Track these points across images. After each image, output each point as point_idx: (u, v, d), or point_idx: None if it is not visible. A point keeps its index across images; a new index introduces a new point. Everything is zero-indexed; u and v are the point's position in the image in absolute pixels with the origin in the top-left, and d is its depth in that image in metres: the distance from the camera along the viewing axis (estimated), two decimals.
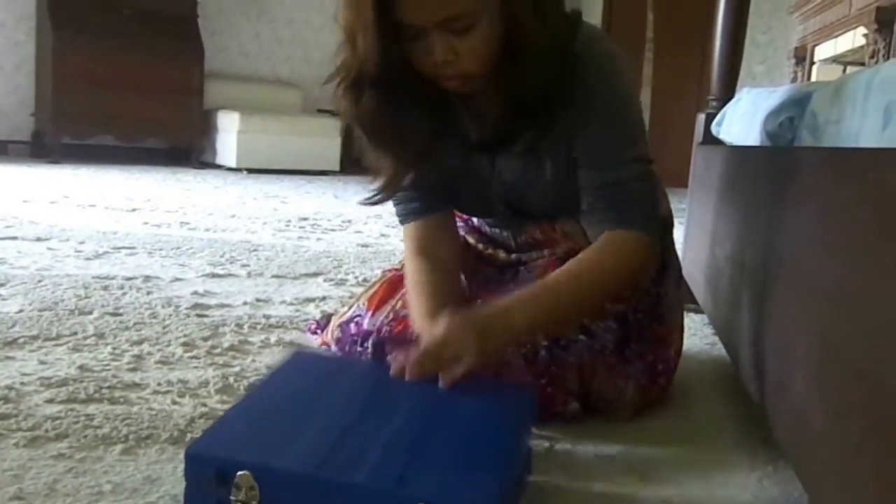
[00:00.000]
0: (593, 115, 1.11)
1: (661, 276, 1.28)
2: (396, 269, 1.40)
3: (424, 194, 1.28)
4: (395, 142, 1.16)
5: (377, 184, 1.21)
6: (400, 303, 1.31)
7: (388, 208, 1.33)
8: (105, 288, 1.86)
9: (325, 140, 6.14)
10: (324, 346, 1.49)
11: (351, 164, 6.64)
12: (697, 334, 1.78)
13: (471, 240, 1.40)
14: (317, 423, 0.85)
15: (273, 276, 2.15)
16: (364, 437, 0.81)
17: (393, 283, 1.36)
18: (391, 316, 1.29)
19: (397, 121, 1.14)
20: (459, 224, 1.40)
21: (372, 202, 1.23)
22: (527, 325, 1.06)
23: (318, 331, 1.54)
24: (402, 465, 0.76)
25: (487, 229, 1.39)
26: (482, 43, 1.04)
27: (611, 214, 1.13)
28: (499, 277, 1.33)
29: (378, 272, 2.27)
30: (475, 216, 1.40)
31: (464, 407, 0.92)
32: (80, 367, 1.28)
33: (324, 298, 1.92)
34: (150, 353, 1.38)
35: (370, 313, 1.33)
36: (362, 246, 2.80)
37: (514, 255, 1.35)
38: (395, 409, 0.90)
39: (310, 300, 1.89)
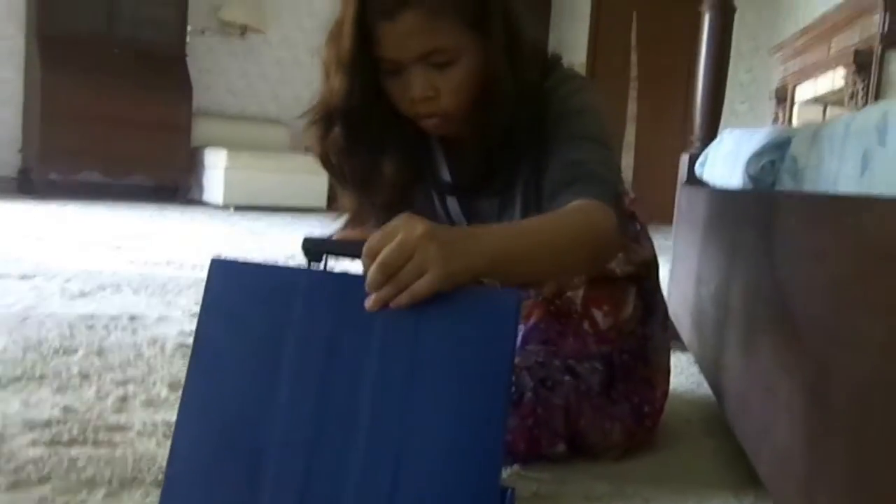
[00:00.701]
0: (554, 127, 1.08)
1: (646, 318, 1.28)
2: None
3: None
4: (362, 183, 1.15)
5: (340, 221, 1.19)
6: None
7: None
8: (90, 327, 1.85)
9: (312, 177, 6.15)
10: None
11: (337, 201, 6.65)
12: (684, 373, 1.78)
13: None
14: (277, 455, 0.78)
15: None
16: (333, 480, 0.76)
17: None
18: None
19: (366, 162, 1.13)
20: None
21: None
22: (496, 250, 0.84)
23: None
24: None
25: None
26: (463, 80, 1.03)
27: (575, 188, 1.00)
28: None
29: None
30: None
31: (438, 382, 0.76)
32: (64, 409, 1.27)
33: None
34: (135, 394, 1.37)
35: None
36: None
37: None
38: (355, 417, 0.76)
39: None
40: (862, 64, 3.13)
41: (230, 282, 0.85)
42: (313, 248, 0.84)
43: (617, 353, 1.23)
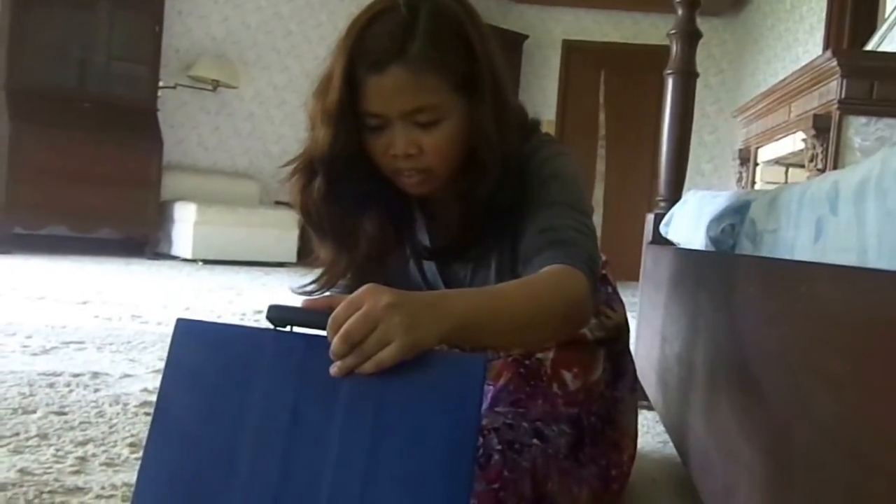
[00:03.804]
0: (530, 192, 1.09)
1: (615, 380, 1.29)
2: None
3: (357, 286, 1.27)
4: (341, 235, 1.14)
5: (315, 274, 1.18)
6: None
7: None
8: (51, 385, 1.81)
9: (281, 232, 6.16)
10: None
11: (308, 256, 6.65)
12: (650, 432, 1.79)
13: None
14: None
15: None
16: None
17: None
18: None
19: (347, 215, 1.12)
20: None
21: (305, 292, 1.18)
22: (463, 317, 0.84)
23: None
24: None
25: None
26: (446, 141, 1.03)
27: (549, 254, 1.02)
28: None
29: None
30: None
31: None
32: (21, 471, 1.24)
33: None
34: (94, 455, 1.35)
35: None
36: None
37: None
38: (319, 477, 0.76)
39: None
40: (821, 128, 3.22)
41: (195, 342, 0.84)
42: (278, 317, 0.83)
43: (585, 416, 1.23)
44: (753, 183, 4.57)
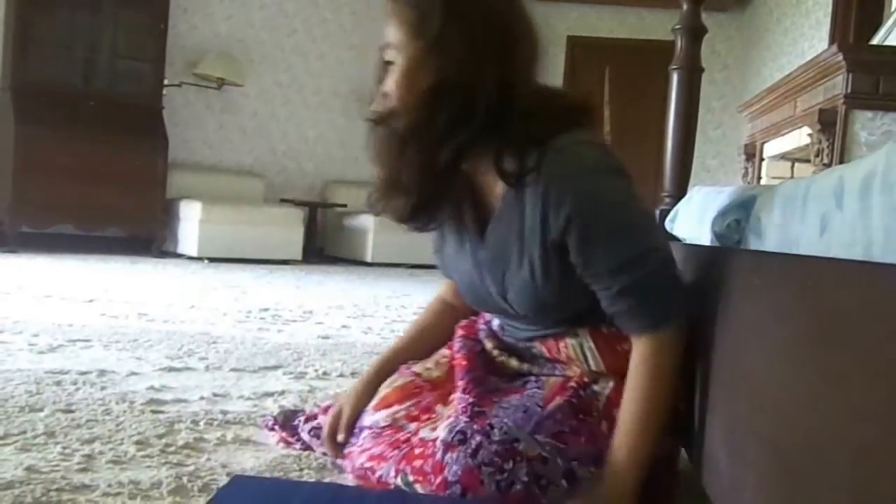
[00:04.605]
0: (584, 227, 1.12)
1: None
2: (416, 373, 1.38)
3: (443, 265, 1.42)
4: (390, 176, 1.20)
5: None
6: (403, 412, 1.30)
7: (349, 300, 1.34)
8: (58, 383, 1.82)
9: (287, 230, 6.17)
10: (281, 444, 1.47)
11: (313, 254, 6.66)
12: None
13: (488, 345, 1.37)
14: None
15: (231, 370, 2.13)
16: None
17: (406, 391, 1.35)
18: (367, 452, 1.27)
19: (397, 159, 1.18)
20: (482, 327, 1.40)
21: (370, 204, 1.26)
22: (637, 481, 1.13)
23: (276, 427, 1.52)
24: None
25: (502, 335, 1.38)
26: (396, 79, 1.15)
27: (638, 321, 1.16)
28: (506, 385, 1.30)
29: (339, 364, 2.26)
30: (479, 308, 1.40)
31: None
32: (28, 469, 1.24)
33: (283, 393, 1.90)
34: (101, 453, 1.35)
35: (374, 410, 1.32)
36: (323, 338, 2.78)
37: (525, 366, 1.32)
38: None
39: (268, 394, 1.87)
40: (826, 123, 3.21)
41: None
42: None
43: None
44: (759, 178, 4.56)
